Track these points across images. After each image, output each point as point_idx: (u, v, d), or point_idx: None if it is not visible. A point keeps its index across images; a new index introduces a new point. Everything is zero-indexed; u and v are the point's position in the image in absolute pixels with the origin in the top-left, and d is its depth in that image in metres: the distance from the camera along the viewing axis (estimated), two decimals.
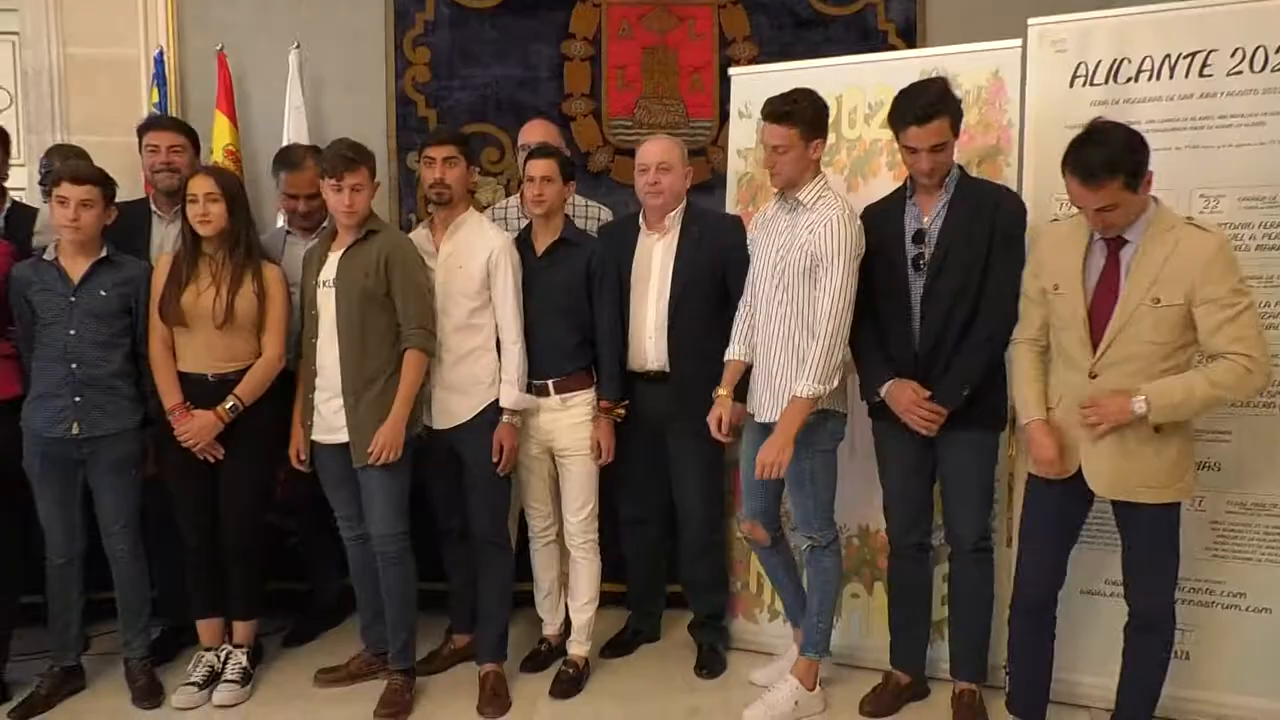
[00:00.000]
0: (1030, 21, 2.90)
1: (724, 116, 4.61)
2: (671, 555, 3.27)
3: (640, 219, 3.09)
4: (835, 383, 2.64)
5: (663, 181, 2.97)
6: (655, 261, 3.02)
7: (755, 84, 3.32)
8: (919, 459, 2.75)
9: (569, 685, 3.00)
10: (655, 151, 2.99)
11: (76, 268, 2.79)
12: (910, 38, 4.55)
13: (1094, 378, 2.33)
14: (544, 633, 3.22)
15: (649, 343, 3.00)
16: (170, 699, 2.89)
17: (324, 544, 3.28)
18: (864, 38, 4.56)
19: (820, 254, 2.62)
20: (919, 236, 2.67)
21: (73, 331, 2.75)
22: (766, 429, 2.70)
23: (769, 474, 2.62)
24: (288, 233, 3.27)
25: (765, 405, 2.75)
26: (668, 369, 2.99)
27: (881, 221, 2.74)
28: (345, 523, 2.96)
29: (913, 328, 2.67)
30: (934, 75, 2.71)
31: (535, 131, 3.47)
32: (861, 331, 2.70)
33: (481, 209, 3.32)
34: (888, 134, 2.78)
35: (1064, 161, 2.28)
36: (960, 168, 2.71)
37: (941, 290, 2.62)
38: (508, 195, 4.04)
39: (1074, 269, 2.37)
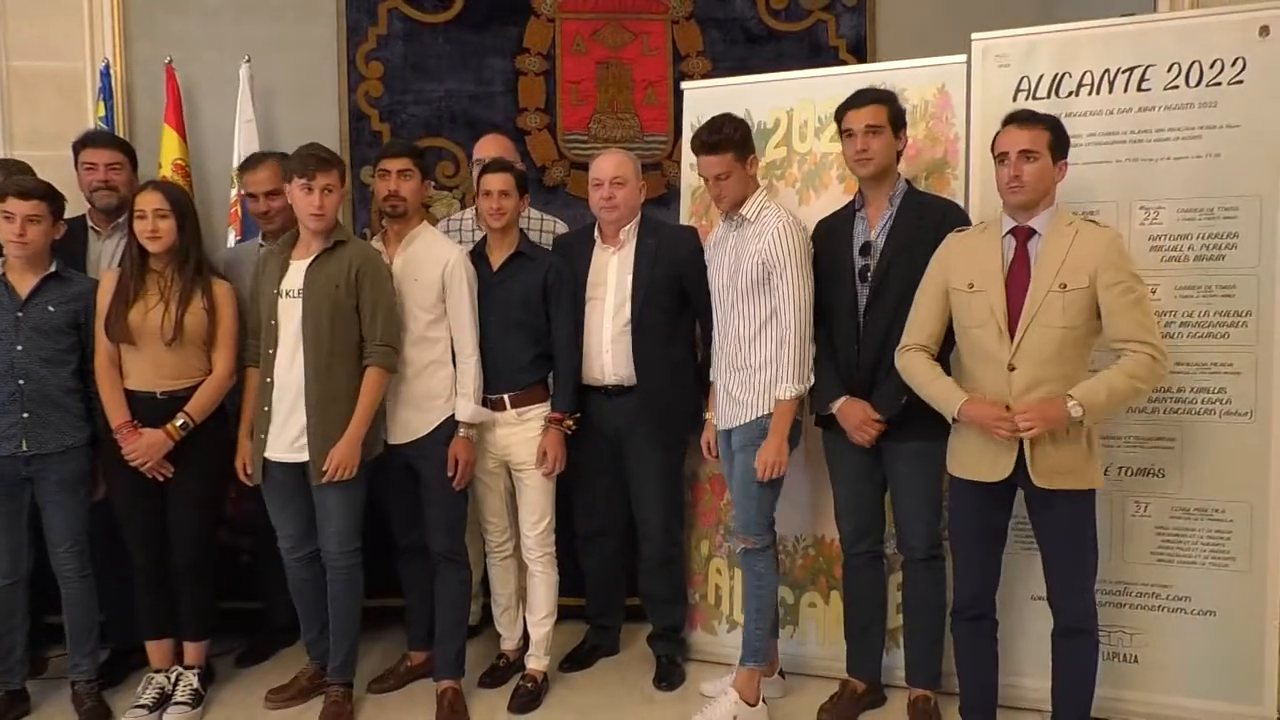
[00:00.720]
0: (974, 37, 2.96)
1: (678, 131, 4.64)
2: (630, 568, 3.27)
3: (595, 232, 3.11)
4: (812, 380, 2.71)
5: (617, 196, 2.99)
6: (611, 274, 3.03)
7: (708, 98, 3.35)
8: (868, 467, 2.80)
9: (527, 700, 2.98)
10: (609, 166, 3.01)
11: (24, 283, 2.75)
12: (861, 54, 4.63)
13: (1012, 370, 2.40)
14: (502, 647, 3.20)
15: (605, 356, 3.01)
16: None
17: (278, 562, 3.21)
18: (815, 54, 4.64)
19: (773, 260, 2.69)
20: (865, 249, 2.74)
21: (20, 347, 2.71)
22: (728, 437, 2.80)
23: (772, 473, 2.71)
24: (261, 245, 3.19)
25: (726, 415, 2.83)
26: (625, 382, 3.00)
27: (831, 234, 2.82)
28: (289, 541, 2.90)
29: (858, 338, 2.73)
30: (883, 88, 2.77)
31: (490, 146, 3.48)
32: (815, 345, 2.76)
33: (435, 223, 3.31)
34: (838, 147, 2.85)
35: (1005, 119, 2.49)
36: (908, 182, 2.77)
37: (884, 302, 2.69)
38: (463, 208, 4.04)
39: (993, 265, 2.46)
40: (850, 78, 3.09)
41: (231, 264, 3.09)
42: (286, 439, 2.78)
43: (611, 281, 3.03)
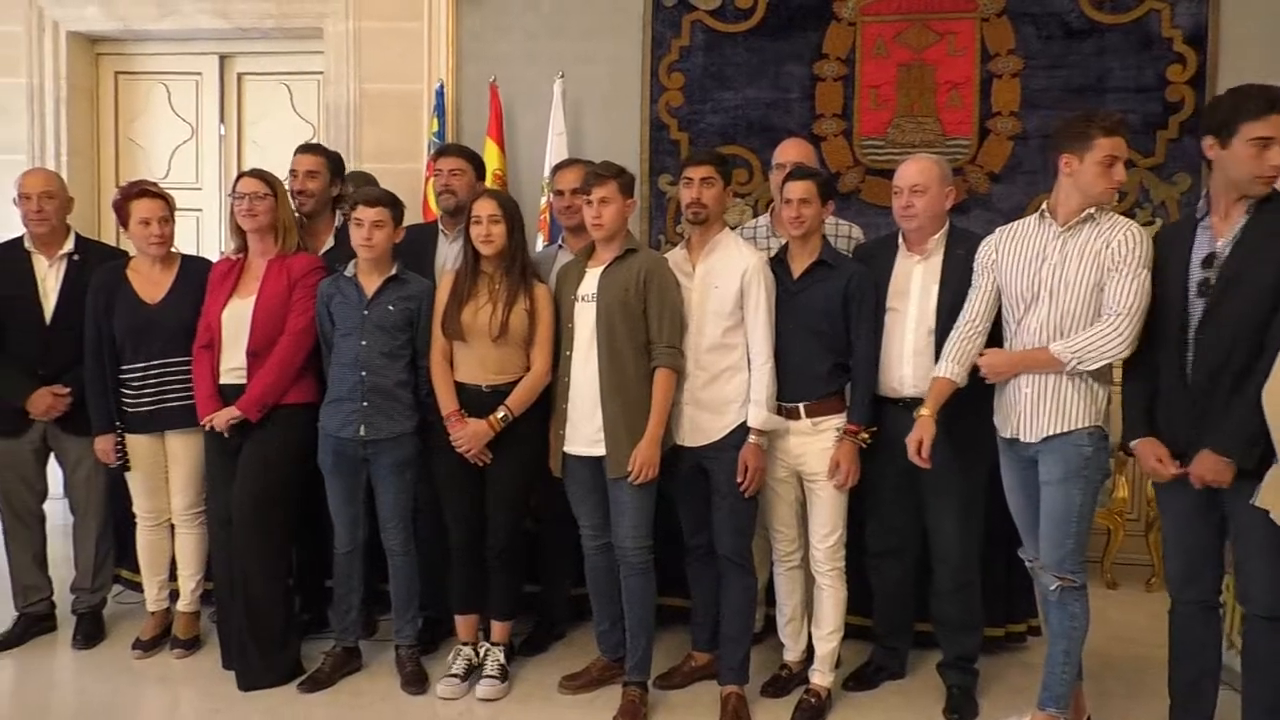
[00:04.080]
0: None
1: (983, 134, 4.44)
2: (921, 589, 3.15)
3: (899, 239, 3.01)
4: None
5: (916, 204, 2.89)
6: (915, 284, 2.93)
7: None
8: (1204, 504, 2.50)
9: (811, 715, 2.94)
10: (910, 173, 2.91)
11: (370, 283, 3.04)
12: (1199, 45, 4.20)
13: None
14: (785, 658, 3.18)
15: (906, 367, 2.91)
16: (434, 687, 3.08)
17: (563, 552, 3.37)
18: (1145, 47, 4.26)
19: (1116, 261, 2.52)
20: (1208, 260, 2.45)
21: (364, 342, 3.00)
22: (1027, 456, 2.63)
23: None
24: (560, 247, 3.41)
25: (1029, 425, 2.64)
26: (925, 395, 2.88)
27: (1168, 245, 2.57)
28: (590, 532, 3.04)
29: (1186, 358, 2.46)
30: None
31: (791, 151, 3.46)
32: (1132, 377, 2.56)
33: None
34: None
35: None
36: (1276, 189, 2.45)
37: (1223, 320, 2.40)
38: (755, 216, 4.06)
39: None
40: None
41: (534, 267, 3.27)
42: (584, 435, 2.92)
43: (915, 292, 2.92)
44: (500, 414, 2.95)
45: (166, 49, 5.29)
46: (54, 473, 3.45)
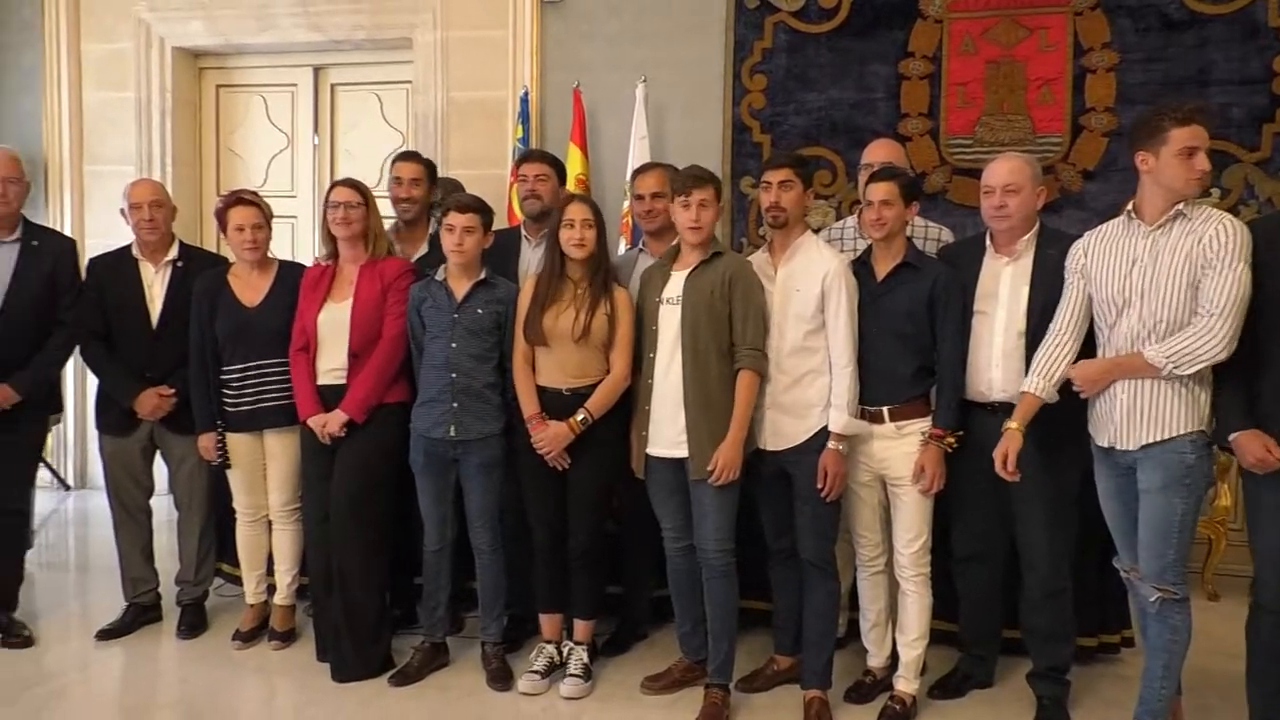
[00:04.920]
0: None
1: (1076, 130, 4.33)
2: (1009, 597, 3.08)
3: (986, 240, 2.96)
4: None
5: (1009, 204, 2.83)
6: (1004, 287, 2.87)
7: None
8: None
9: None
10: (1002, 172, 2.85)
11: (460, 288, 3.11)
12: None
13: None
14: (869, 664, 3.15)
15: (995, 371, 2.85)
16: (517, 684, 3.14)
17: (645, 553, 3.39)
18: (1249, 37, 4.10)
19: (1209, 258, 2.43)
20: None
21: (454, 345, 3.07)
22: (1124, 463, 2.55)
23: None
24: (641, 250, 3.44)
25: (1126, 433, 2.56)
26: (1014, 399, 2.81)
27: (1272, 233, 2.48)
28: (672, 533, 3.05)
29: None
30: None
31: (879, 152, 3.43)
32: (1229, 371, 2.46)
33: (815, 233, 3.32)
34: None
35: None
36: None
37: None
38: (839, 218, 4.02)
39: None
40: None
41: (615, 271, 3.30)
42: (666, 436, 2.93)
43: (1004, 294, 2.87)
44: (580, 416, 2.98)
45: (264, 62, 5.50)
46: (160, 470, 3.61)
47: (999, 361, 2.85)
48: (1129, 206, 2.61)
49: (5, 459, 3.39)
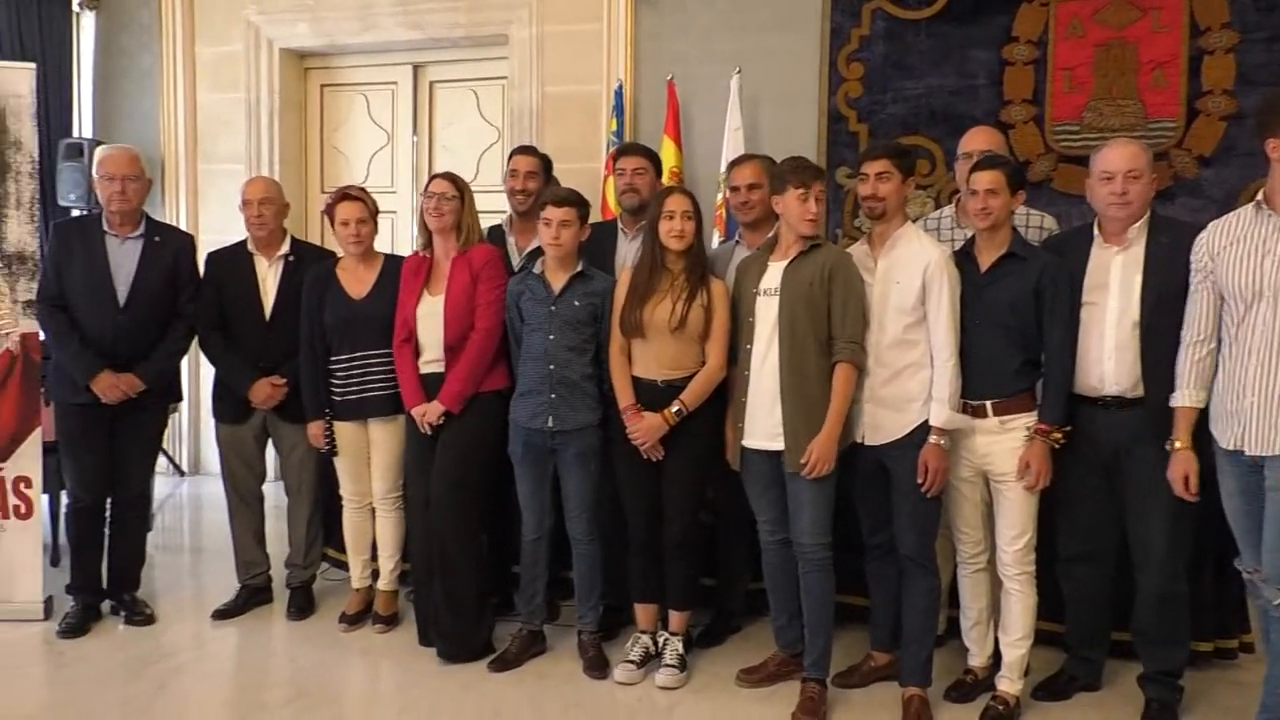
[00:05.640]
0: None
1: (1191, 115, 4.16)
2: (1117, 598, 2.98)
3: (1094, 229, 2.86)
4: None
5: (1131, 191, 2.73)
6: (1114, 277, 2.78)
7: None
8: None
9: None
10: (1124, 157, 2.75)
11: (557, 280, 3.15)
12: None
13: None
14: (970, 663, 3.08)
15: (1107, 364, 2.76)
16: (613, 673, 3.17)
17: (740, 545, 3.39)
18: None
19: None
20: None
21: (552, 337, 3.12)
22: (1249, 460, 2.45)
23: None
24: (736, 242, 3.43)
25: (1256, 438, 2.46)
26: (1126, 393, 2.74)
27: None
28: (768, 526, 3.04)
29: None
30: None
31: (978, 140, 3.35)
32: None
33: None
34: None
35: None
36: None
37: None
38: (938, 208, 3.94)
39: None
40: None
41: (711, 263, 3.30)
42: (763, 429, 2.92)
43: (1115, 285, 2.77)
44: (675, 408, 2.99)
45: (366, 61, 5.65)
46: (271, 457, 3.76)
47: (1112, 354, 2.76)
48: (1258, 196, 2.50)
49: (130, 445, 3.56)
